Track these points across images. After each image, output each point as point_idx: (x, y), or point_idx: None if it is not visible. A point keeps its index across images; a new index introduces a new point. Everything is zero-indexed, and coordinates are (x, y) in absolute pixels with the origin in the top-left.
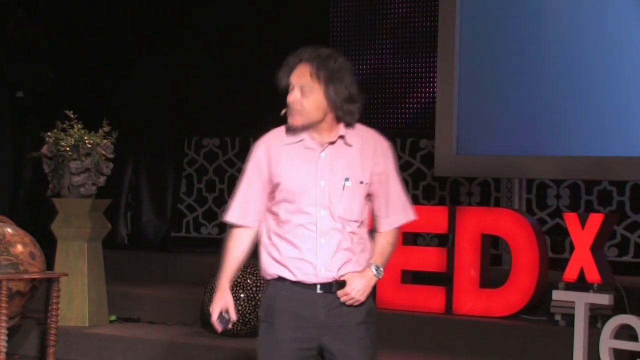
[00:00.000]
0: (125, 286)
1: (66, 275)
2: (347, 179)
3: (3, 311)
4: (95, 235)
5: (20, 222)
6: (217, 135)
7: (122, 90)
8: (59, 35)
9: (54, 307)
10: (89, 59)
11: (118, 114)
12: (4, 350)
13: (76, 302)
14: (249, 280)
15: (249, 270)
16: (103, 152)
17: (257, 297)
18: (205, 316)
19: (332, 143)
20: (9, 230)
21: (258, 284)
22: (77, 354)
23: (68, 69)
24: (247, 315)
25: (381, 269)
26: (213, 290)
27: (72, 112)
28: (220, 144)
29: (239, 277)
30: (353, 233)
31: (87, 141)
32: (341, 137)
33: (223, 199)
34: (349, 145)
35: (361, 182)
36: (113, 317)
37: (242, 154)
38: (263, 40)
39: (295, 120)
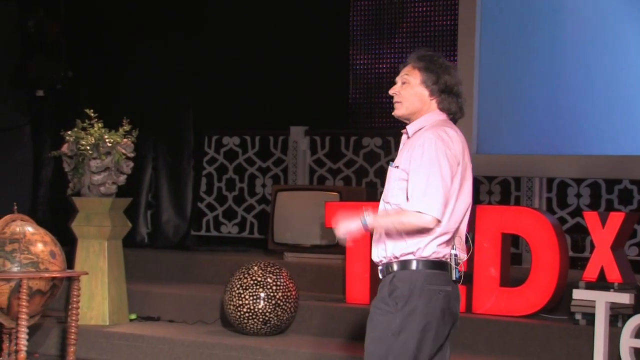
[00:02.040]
0: (146, 285)
1: (86, 274)
2: (390, 163)
3: (24, 310)
4: (115, 234)
5: (40, 221)
6: (237, 133)
7: (142, 88)
8: (78, 34)
9: (74, 305)
10: (108, 58)
11: (138, 113)
12: (24, 348)
13: (96, 301)
14: (269, 279)
15: (269, 269)
16: (123, 150)
17: (277, 297)
18: (226, 315)
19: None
20: (30, 229)
21: (278, 283)
22: (97, 352)
23: (87, 68)
24: (267, 314)
25: (370, 217)
26: (233, 289)
27: (92, 110)
28: (241, 143)
29: (259, 276)
30: None
31: (107, 140)
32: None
33: (243, 198)
34: (409, 136)
35: (397, 167)
36: (133, 316)
37: (262, 153)
38: (283, 40)
39: (396, 110)
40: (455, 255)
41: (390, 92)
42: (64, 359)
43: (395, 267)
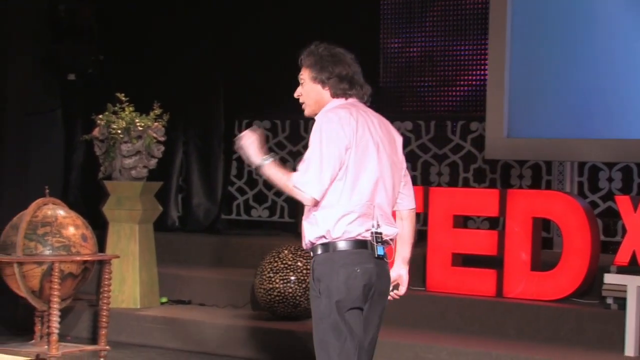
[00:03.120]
0: (176, 268)
1: (118, 257)
2: None
3: (55, 293)
4: (146, 218)
5: (72, 205)
6: (267, 117)
7: (173, 73)
8: (109, 17)
9: (106, 289)
10: (139, 42)
11: (169, 97)
12: (56, 331)
13: (127, 284)
14: (299, 263)
15: (299, 252)
16: (154, 134)
17: (308, 280)
18: (256, 298)
19: None
20: (61, 212)
21: (308, 267)
22: (128, 335)
23: (119, 52)
24: (298, 298)
25: (269, 162)
26: (263, 272)
27: (123, 94)
28: (271, 127)
29: (289, 260)
30: None
31: (138, 124)
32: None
33: None
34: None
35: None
36: (164, 299)
37: (293, 137)
38: (312, 22)
39: (305, 111)
40: (378, 232)
41: (295, 95)
42: (95, 341)
43: (315, 252)
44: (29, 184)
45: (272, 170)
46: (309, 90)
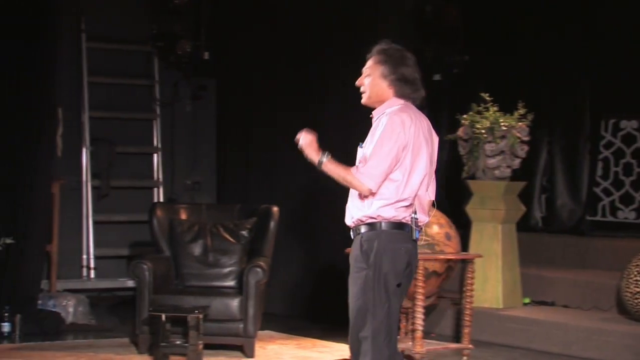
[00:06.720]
0: (539, 269)
1: (480, 256)
2: (360, 144)
3: (420, 290)
4: (509, 218)
5: (436, 203)
6: (635, 117)
7: (537, 72)
8: (474, 17)
9: (469, 288)
10: (503, 41)
11: (533, 96)
12: (420, 328)
13: (490, 284)
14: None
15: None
16: (518, 134)
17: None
18: (622, 302)
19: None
20: None
21: None
22: (491, 335)
23: (483, 52)
24: None
25: (327, 159)
26: (630, 275)
27: (487, 94)
28: (639, 127)
29: None
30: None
31: (502, 123)
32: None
33: None
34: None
35: (360, 147)
36: (527, 300)
37: None
38: None
39: (363, 100)
40: (416, 218)
41: (357, 83)
42: (458, 340)
43: (363, 229)
44: None
45: (331, 165)
46: (375, 85)
